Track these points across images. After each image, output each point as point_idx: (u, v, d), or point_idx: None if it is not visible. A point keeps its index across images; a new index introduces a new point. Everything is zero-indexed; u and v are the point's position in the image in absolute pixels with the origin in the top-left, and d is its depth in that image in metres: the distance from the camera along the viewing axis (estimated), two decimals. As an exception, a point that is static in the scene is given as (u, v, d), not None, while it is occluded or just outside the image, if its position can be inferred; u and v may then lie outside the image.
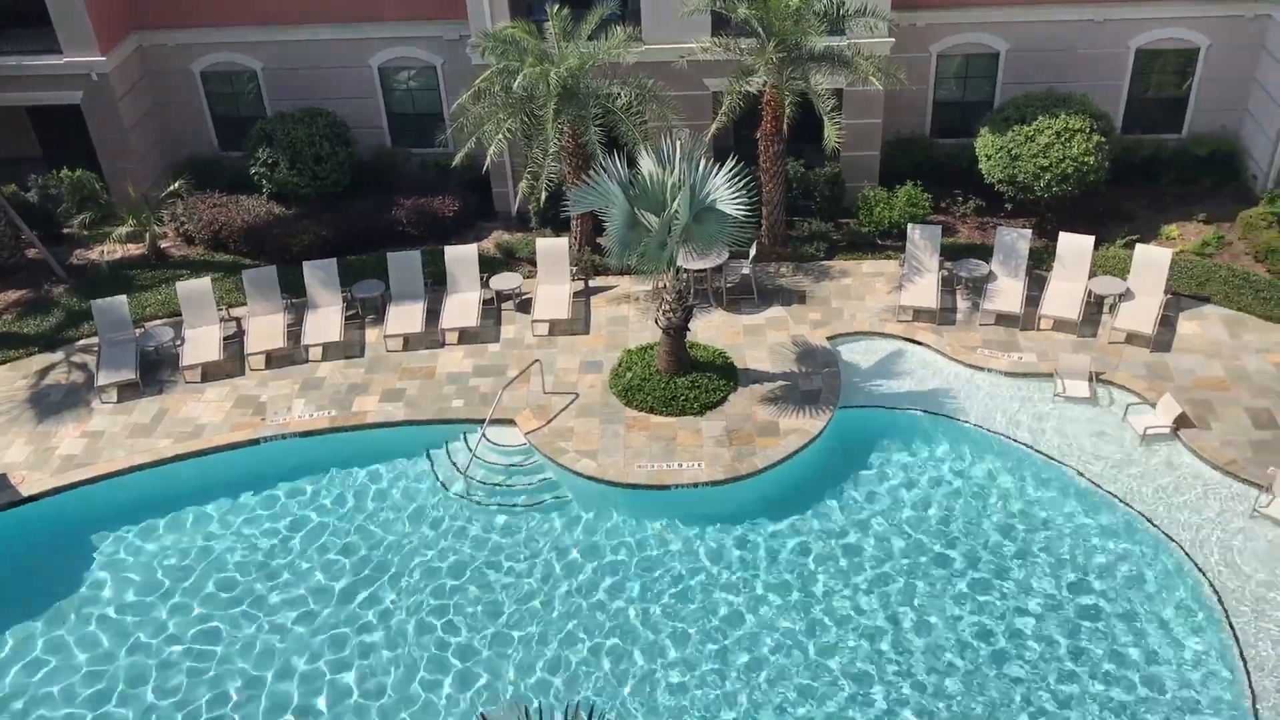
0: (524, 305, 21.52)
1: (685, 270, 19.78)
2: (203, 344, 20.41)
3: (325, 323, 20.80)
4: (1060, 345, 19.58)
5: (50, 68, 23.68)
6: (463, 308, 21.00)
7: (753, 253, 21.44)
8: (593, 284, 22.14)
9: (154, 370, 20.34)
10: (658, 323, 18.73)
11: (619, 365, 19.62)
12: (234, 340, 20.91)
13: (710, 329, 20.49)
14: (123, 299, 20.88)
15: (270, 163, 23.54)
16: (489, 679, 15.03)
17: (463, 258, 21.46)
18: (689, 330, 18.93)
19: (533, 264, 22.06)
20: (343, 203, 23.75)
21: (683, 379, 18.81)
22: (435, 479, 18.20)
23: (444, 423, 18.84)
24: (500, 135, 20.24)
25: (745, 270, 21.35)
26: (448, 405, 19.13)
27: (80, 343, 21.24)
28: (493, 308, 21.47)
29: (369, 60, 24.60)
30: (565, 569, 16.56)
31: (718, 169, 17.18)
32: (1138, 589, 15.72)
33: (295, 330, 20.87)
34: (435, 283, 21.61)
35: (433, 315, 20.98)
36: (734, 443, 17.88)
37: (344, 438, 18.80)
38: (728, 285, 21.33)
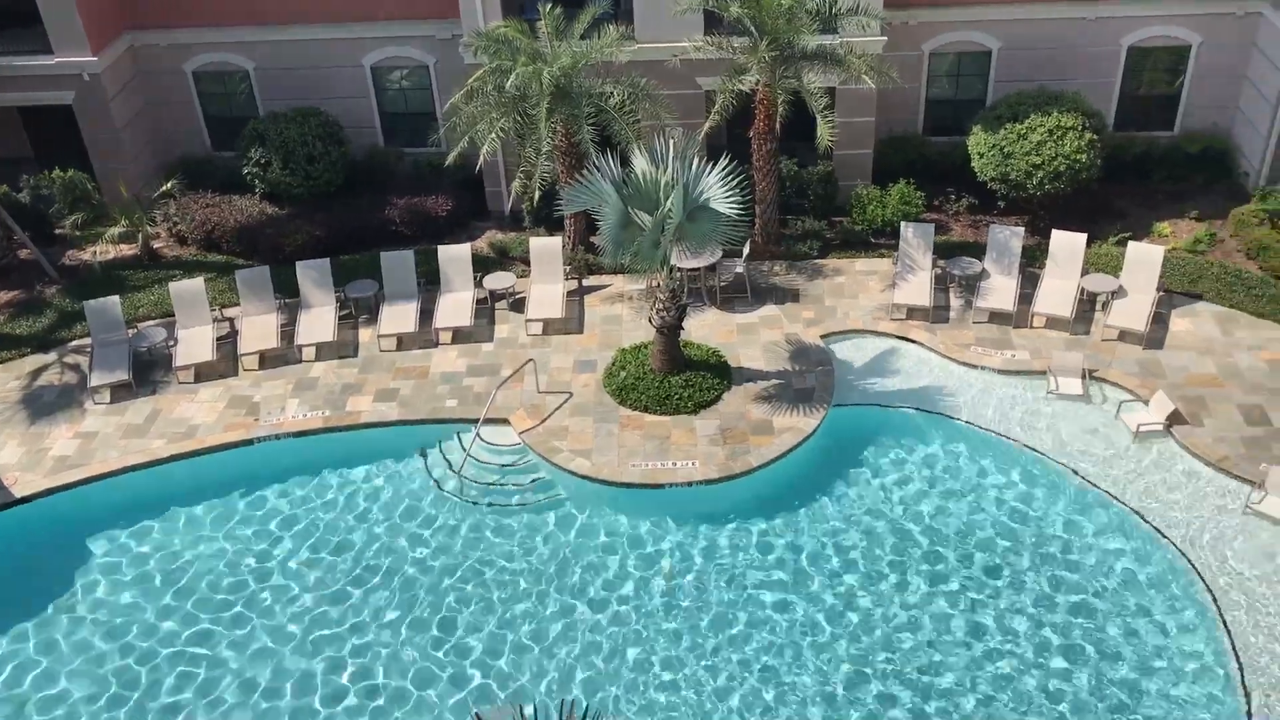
0: (518, 304, 21.51)
1: (679, 269, 19.82)
2: (196, 344, 20.38)
3: (318, 323, 20.78)
4: (1053, 343, 19.62)
5: (42, 68, 23.62)
6: (456, 307, 20.99)
7: (746, 251, 21.46)
8: (586, 283, 22.14)
9: (147, 371, 20.30)
10: (651, 321, 18.74)
11: (613, 364, 19.62)
12: (227, 340, 20.88)
13: (704, 328, 20.51)
14: (115, 299, 20.84)
15: (263, 163, 23.50)
16: (483, 678, 15.03)
17: (456, 257, 21.44)
18: (683, 329, 18.94)
19: (526, 263, 22.05)
20: (336, 202, 23.72)
21: (677, 378, 18.83)
22: (429, 479, 18.19)
23: (438, 422, 18.84)
24: (493, 134, 20.23)
25: (739, 269, 21.36)
26: (441, 405, 19.12)
27: (73, 343, 21.19)
28: (486, 307, 21.46)
29: (361, 60, 24.57)
30: (559, 568, 16.56)
31: (711, 168, 17.20)
32: (1131, 586, 15.76)
33: (288, 330, 20.84)
34: (428, 282, 21.60)
35: (426, 315, 20.97)
36: (728, 441, 17.90)
37: (338, 438, 18.78)
38: (721, 284, 21.34)
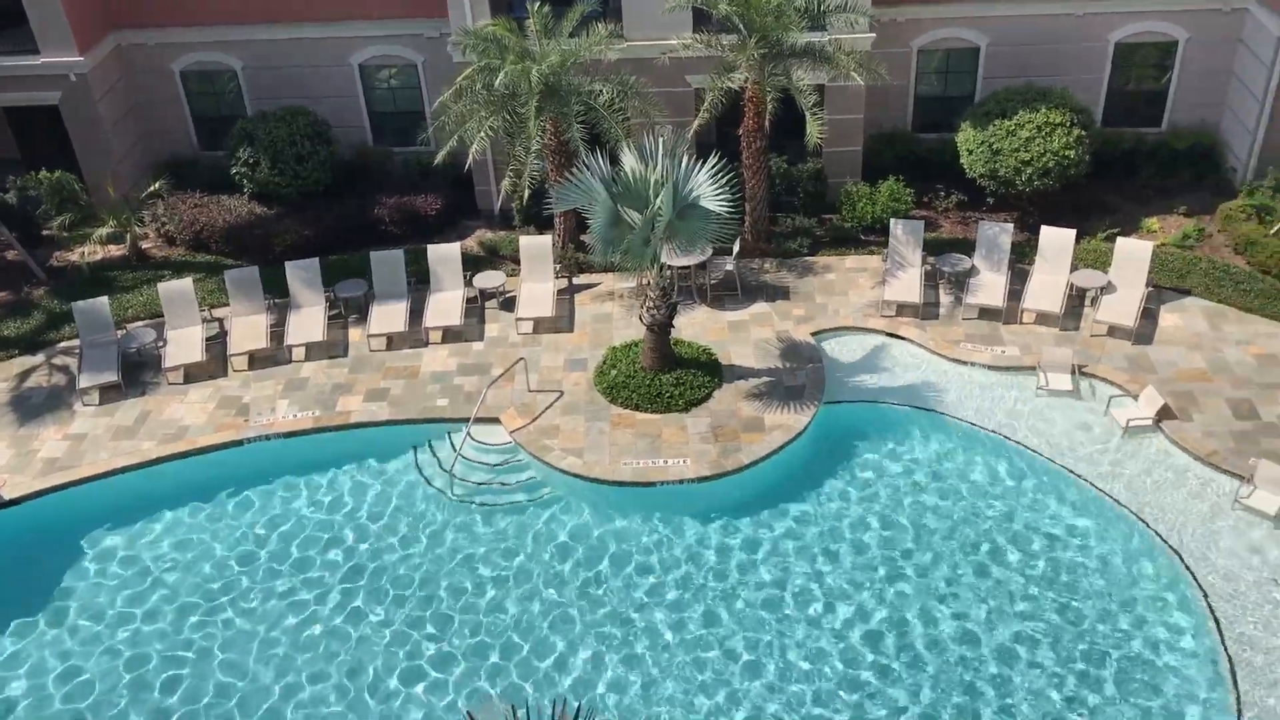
0: (508, 303, 21.49)
1: (669, 267, 19.79)
2: (185, 345, 20.32)
3: (308, 323, 20.73)
4: (1043, 339, 19.66)
5: (28, 68, 23.52)
6: (446, 306, 20.96)
7: (736, 249, 21.47)
8: (577, 281, 22.13)
9: (136, 372, 20.24)
10: (642, 320, 18.74)
11: (604, 363, 19.61)
12: (217, 341, 20.82)
13: (694, 325, 20.51)
14: (104, 300, 20.77)
15: (251, 162, 23.43)
16: (476, 678, 15.02)
17: (446, 256, 21.41)
18: (673, 327, 18.94)
19: (516, 262, 22.02)
20: (324, 202, 23.66)
21: (667, 376, 18.83)
22: (420, 478, 18.16)
23: (428, 422, 18.81)
24: (482, 133, 20.19)
25: (729, 266, 21.36)
26: (432, 404, 19.10)
27: (61, 345, 21.12)
28: (476, 306, 21.43)
29: (350, 59, 24.52)
30: (551, 567, 16.54)
31: (700, 165, 17.19)
32: (1120, 580, 15.81)
33: (278, 330, 20.79)
34: (418, 282, 21.56)
35: (416, 314, 20.93)
36: (719, 439, 17.90)
37: (328, 438, 18.74)
38: (712, 282, 21.35)
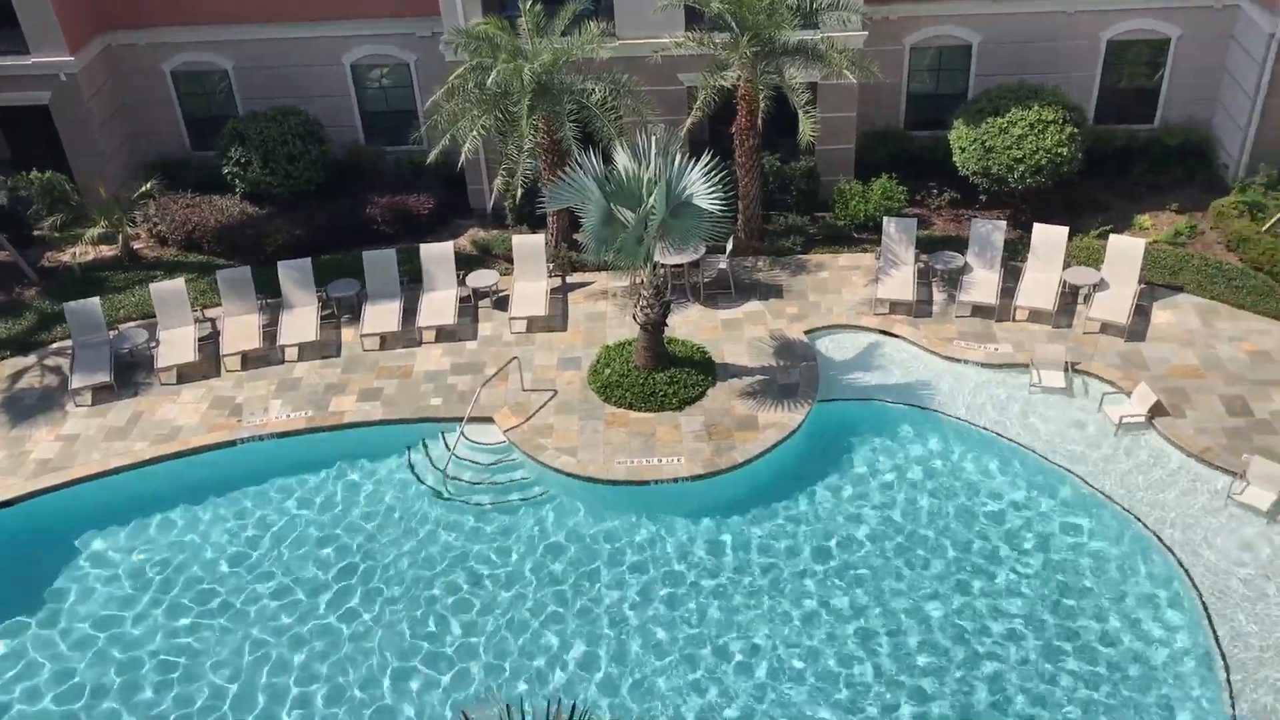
0: (501, 302, 21.47)
1: (662, 265, 19.81)
2: (177, 345, 20.27)
3: (301, 323, 20.69)
4: (1036, 336, 19.69)
5: (18, 68, 23.41)
6: (439, 306, 20.93)
7: (729, 247, 21.47)
8: (570, 280, 22.11)
9: (129, 372, 20.18)
10: (635, 318, 18.73)
11: (597, 361, 19.60)
12: (209, 341, 20.77)
13: (688, 324, 20.50)
14: (96, 301, 20.71)
15: (243, 162, 23.37)
16: (471, 676, 15.01)
17: (439, 256, 21.38)
18: (667, 325, 18.94)
19: (509, 261, 21.99)
20: (317, 202, 23.60)
21: (661, 374, 18.82)
22: (414, 478, 18.13)
23: (422, 421, 18.79)
24: (475, 132, 20.17)
25: (722, 265, 21.36)
26: (426, 404, 19.07)
27: (53, 346, 21.04)
28: (469, 305, 21.41)
29: (341, 58, 24.46)
30: (545, 566, 16.54)
31: (693, 164, 17.19)
32: (1113, 576, 15.84)
33: (271, 330, 20.75)
34: (411, 281, 21.53)
35: (409, 314, 20.90)
36: (713, 437, 17.90)
37: (321, 438, 18.71)
38: (705, 280, 21.34)
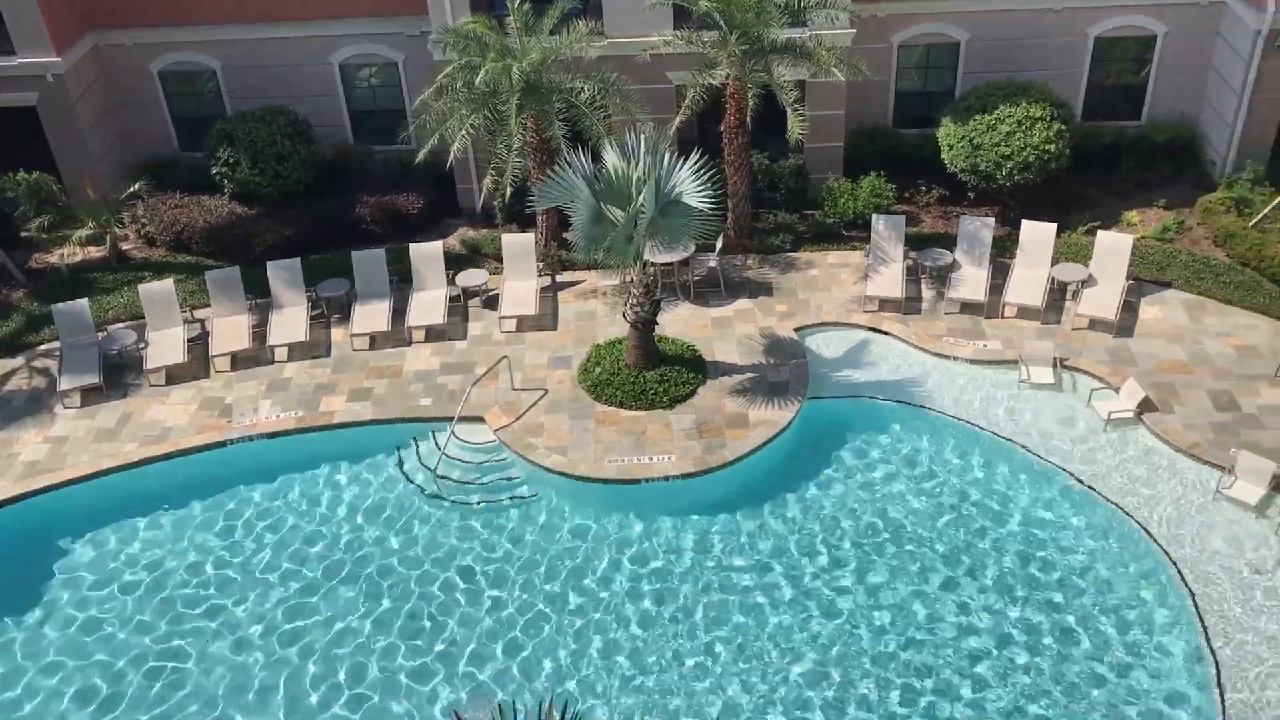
0: (491, 302, 21.46)
1: (652, 264, 19.77)
2: (167, 346, 20.22)
3: (290, 323, 20.65)
4: (1024, 332, 19.74)
5: (4, 69, 23.33)
6: (429, 305, 20.91)
7: (719, 245, 21.48)
8: (560, 279, 22.11)
9: (118, 373, 20.12)
10: (625, 317, 18.74)
11: (588, 360, 19.61)
12: (198, 342, 20.72)
13: (678, 322, 20.52)
14: (84, 302, 20.65)
15: (231, 162, 23.32)
16: (462, 677, 15.00)
17: (428, 255, 21.36)
18: (657, 324, 18.95)
19: (499, 260, 21.99)
20: (305, 202, 23.56)
21: (652, 373, 18.83)
22: (404, 478, 18.12)
23: (412, 421, 18.77)
24: (463, 131, 20.15)
25: (712, 263, 21.37)
26: (416, 404, 19.05)
27: (41, 347, 20.98)
28: (459, 305, 21.39)
29: (330, 58, 24.42)
30: (536, 565, 16.54)
31: (682, 162, 17.19)
32: (1104, 572, 15.89)
33: (260, 331, 20.71)
34: (401, 281, 21.50)
35: (399, 314, 20.88)
36: (704, 435, 17.92)
37: (311, 438, 18.68)
38: (695, 278, 21.35)
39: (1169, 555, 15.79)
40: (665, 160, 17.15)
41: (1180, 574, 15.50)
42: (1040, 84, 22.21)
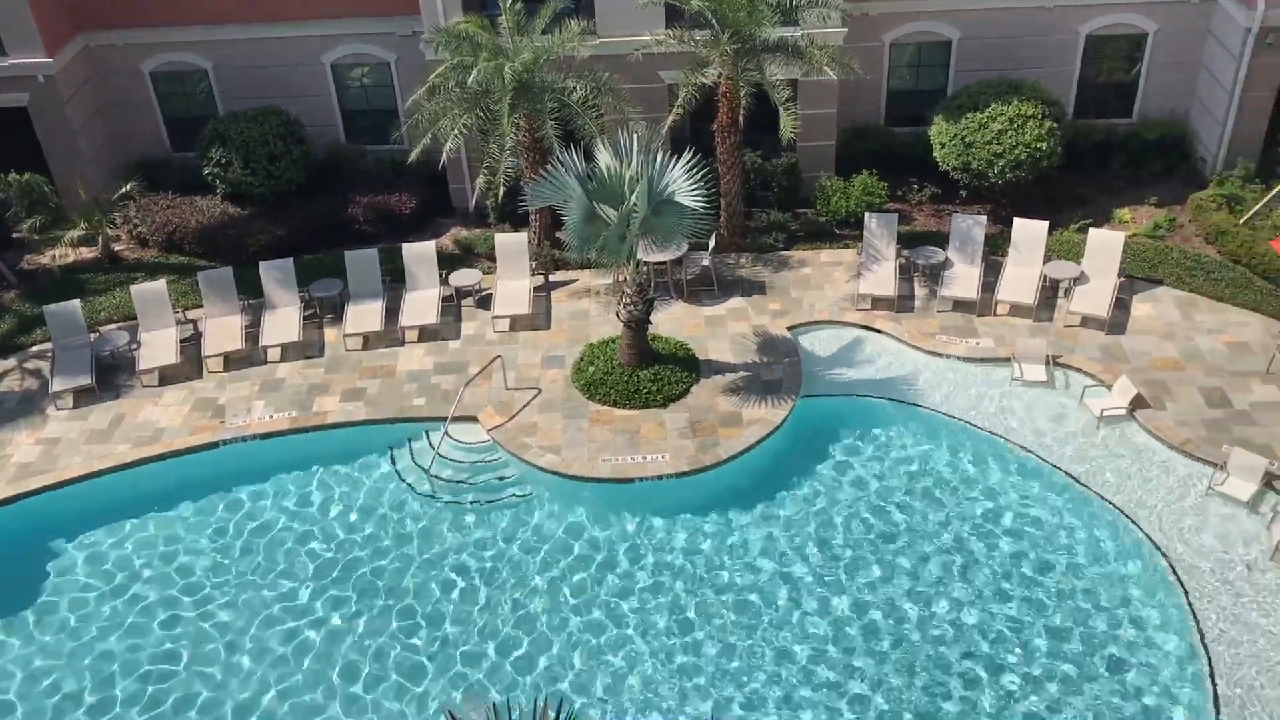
0: (484, 301, 21.45)
1: (645, 263, 19.81)
2: (159, 347, 20.19)
3: (283, 323, 20.63)
4: (1017, 330, 19.78)
5: (-6, 70, 23.33)
6: (422, 305, 20.90)
7: (712, 244, 21.49)
8: (553, 278, 22.10)
9: (110, 375, 20.09)
10: (619, 316, 18.74)
11: (581, 359, 19.61)
12: (191, 343, 20.69)
13: (671, 321, 20.53)
14: (76, 303, 20.61)
15: (224, 163, 23.27)
16: (455, 677, 15.00)
17: (421, 255, 21.35)
18: (650, 323, 18.96)
19: (492, 260, 21.98)
20: (298, 202, 23.52)
21: (645, 372, 18.84)
22: (398, 478, 18.11)
23: (406, 421, 18.76)
24: (456, 131, 20.14)
25: (705, 262, 21.39)
26: (409, 404, 19.05)
27: (33, 349, 20.92)
28: (452, 305, 21.38)
29: (321, 58, 24.39)
30: (531, 565, 16.54)
31: (675, 161, 17.21)
32: (1097, 568, 15.94)
33: (253, 331, 20.68)
34: (394, 280, 21.49)
35: (392, 313, 20.86)
36: (697, 434, 17.93)
37: (305, 438, 18.66)
38: (688, 277, 21.37)
39: (1162, 551, 15.84)
40: (658, 159, 17.16)
41: (1173, 570, 15.55)
42: (1032, 82, 22.25)
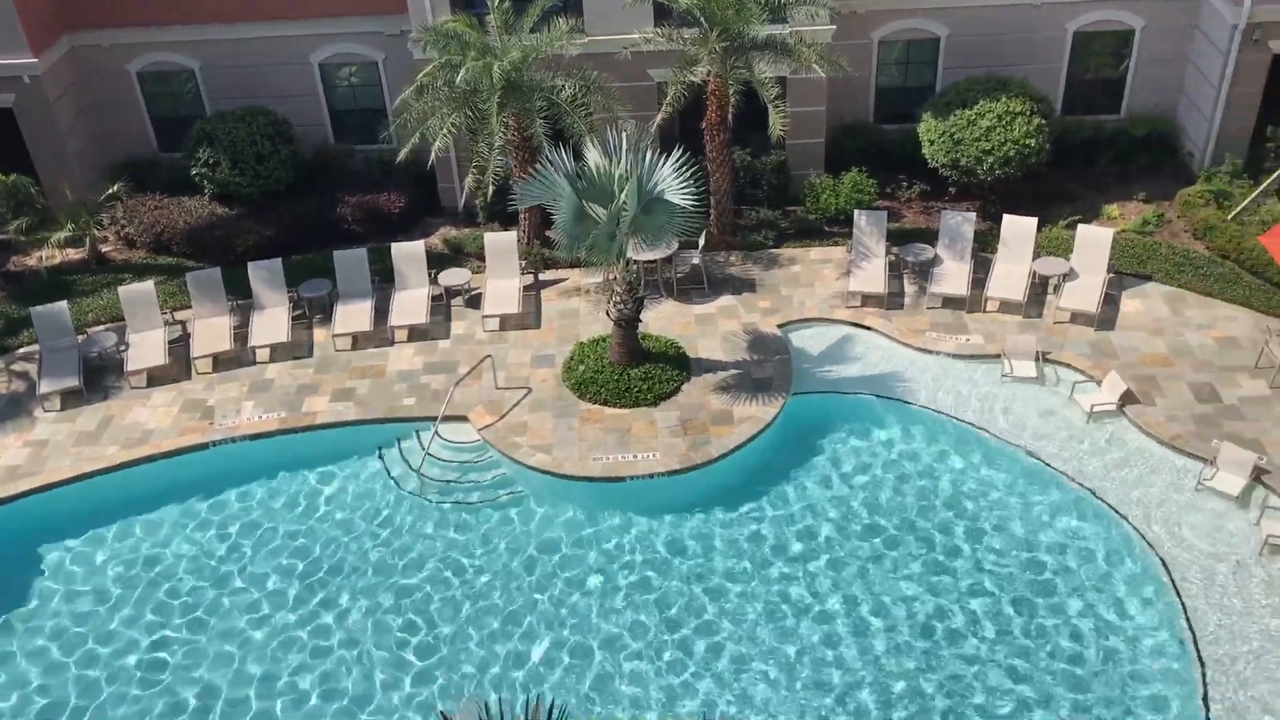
0: (473, 301, 21.41)
1: (635, 261, 19.77)
2: (147, 348, 20.11)
3: (272, 323, 20.57)
4: (1006, 326, 19.81)
5: (-20, 71, 23.20)
6: (411, 305, 20.85)
7: (702, 242, 21.49)
8: (542, 277, 22.07)
9: (98, 376, 20.00)
10: (609, 314, 18.73)
11: (571, 358, 19.58)
12: (179, 344, 20.60)
13: (662, 319, 20.52)
14: (63, 305, 20.51)
15: (211, 163, 23.18)
16: (448, 676, 14.98)
17: (410, 254, 21.30)
18: (640, 321, 18.95)
19: (481, 259, 21.94)
20: (286, 202, 23.44)
21: (635, 370, 18.82)
22: (388, 478, 18.07)
23: (396, 421, 18.72)
24: (444, 130, 20.10)
25: (695, 260, 21.39)
26: (399, 404, 19.00)
27: (20, 351, 20.82)
28: (442, 304, 21.33)
29: (309, 57, 24.31)
30: (522, 564, 16.53)
31: (664, 160, 17.19)
32: (1087, 564, 15.97)
33: (242, 332, 20.61)
34: (383, 280, 21.44)
35: (381, 313, 20.81)
36: (688, 432, 17.92)
37: (294, 439, 18.61)
38: (678, 275, 21.36)
39: (1151, 546, 15.88)
40: (647, 158, 17.14)
41: (1163, 565, 15.59)
42: (1020, 79, 22.28)
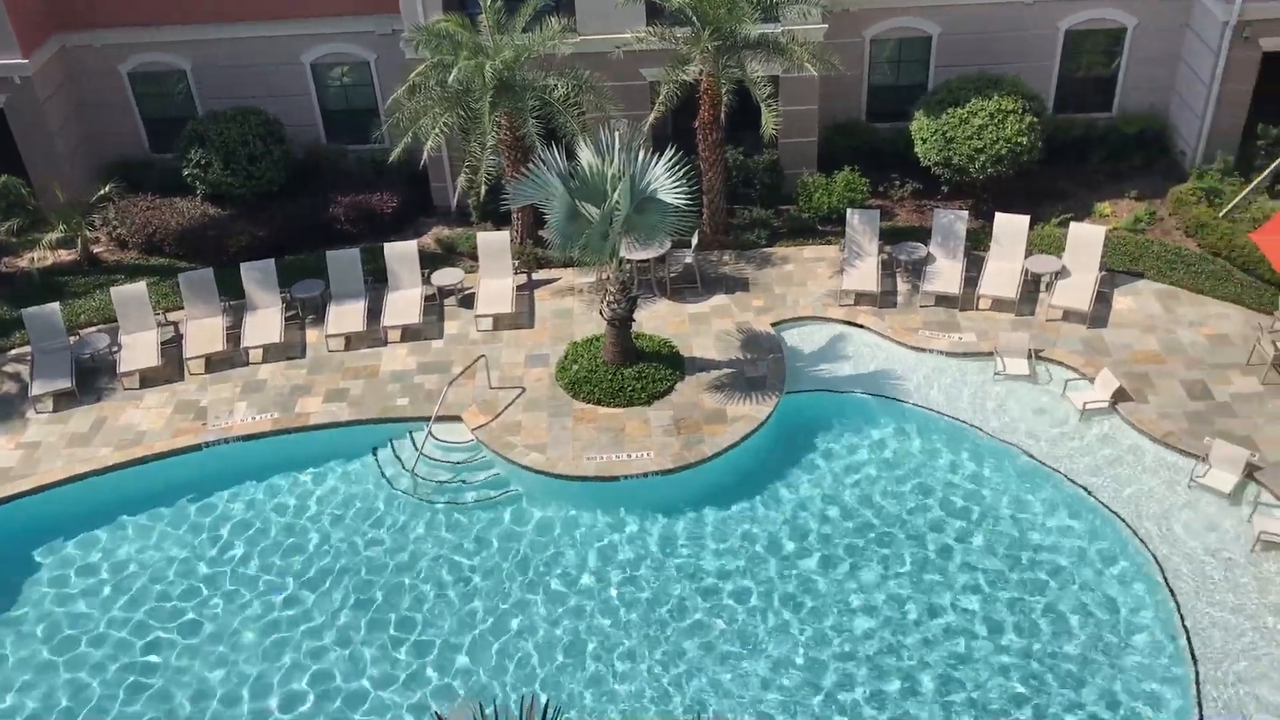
0: (467, 300, 21.39)
1: (628, 261, 19.81)
2: (140, 349, 20.07)
3: (265, 324, 20.53)
4: (999, 324, 19.84)
5: (-30, 72, 23.12)
6: (405, 305, 20.83)
7: (695, 241, 21.49)
8: (536, 277, 22.07)
9: (91, 378, 19.95)
10: (602, 314, 18.72)
11: (565, 358, 19.58)
12: (172, 345, 20.56)
13: (655, 319, 20.52)
14: (55, 306, 20.45)
15: (203, 163, 23.14)
16: (443, 677, 14.98)
17: (403, 254, 21.27)
18: (634, 321, 18.95)
19: (474, 259, 21.92)
20: (279, 202, 23.40)
21: (629, 370, 18.83)
22: (382, 478, 18.05)
23: (389, 421, 18.70)
24: (437, 130, 20.09)
25: (688, 259, 21.39)
26: (392, 404, 18.98)
27: (12, 352, 20.76)
28: (435, 304, 21.32)
29: (301, 57, 24.27)
30: (516, 563, 16.52)
31: (657, 159, 17.20)
32: (1080, 562, 16.00)
33: (235, 333, 20.57)
34: (376, 280, 21.41)
35: (374, 314, 20.78)
36: (682, 431, 17.93)
37: (288, 440, 18.58)
38: (671, 275, 21.36)
39: (1144, 543, 15.92)
40: (640, 157, 17.14)
41: (1156, 561, 15.63)
42: (1012, 77, 22.31)
